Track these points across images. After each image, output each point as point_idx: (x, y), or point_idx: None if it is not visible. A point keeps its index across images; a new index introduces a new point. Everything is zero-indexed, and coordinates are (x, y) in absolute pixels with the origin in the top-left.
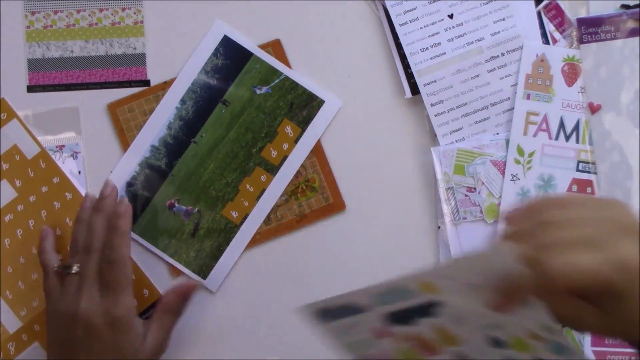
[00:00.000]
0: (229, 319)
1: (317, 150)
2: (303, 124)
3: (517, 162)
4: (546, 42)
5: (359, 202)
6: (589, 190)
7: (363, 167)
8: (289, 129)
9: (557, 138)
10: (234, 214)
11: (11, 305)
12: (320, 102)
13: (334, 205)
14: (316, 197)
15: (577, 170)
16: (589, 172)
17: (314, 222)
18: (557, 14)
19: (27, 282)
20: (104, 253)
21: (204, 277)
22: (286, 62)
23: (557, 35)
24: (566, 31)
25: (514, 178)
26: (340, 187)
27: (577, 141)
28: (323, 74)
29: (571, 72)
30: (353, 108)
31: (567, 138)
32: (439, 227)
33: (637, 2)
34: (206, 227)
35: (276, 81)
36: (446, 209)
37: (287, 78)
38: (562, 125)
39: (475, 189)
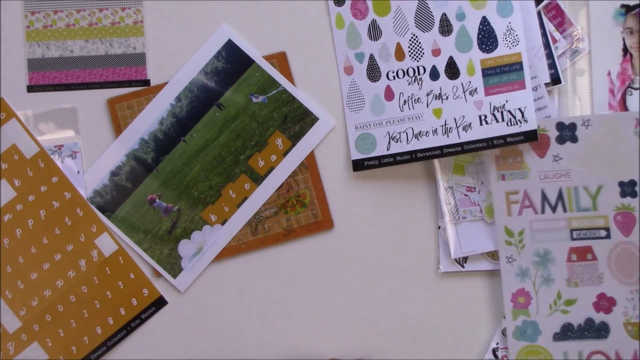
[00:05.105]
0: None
1: (311, 167)
2: (294, 138)
3: (509, 243)
4: (546, 42)
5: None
6: (589, 256)
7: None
8: (279, 141)
9: (543, 211)
10: (213, 218)
11: (11, 304)
12: (314, 119)
13: (322, 222)
14: (305, 212)
15: (572, 239)
16: (585, 239)
17: (300, 238)
18: (557, 14)
19: (27, 281)
20: None
21: (174, 276)
22: (289, 74)
23: (557, 35)
24: (566, 31)
25: (510, 260)
26: (331, 205)
27: (565, 210)
28: (323, 92)
29: (540, 143)
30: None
31: (554, 209)
32: (439, 227)
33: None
34: (183, 226)
35: (274, 92)
36: (446, 209)
37: (284, 90)
38: (544, 197)
39: (475, 188)
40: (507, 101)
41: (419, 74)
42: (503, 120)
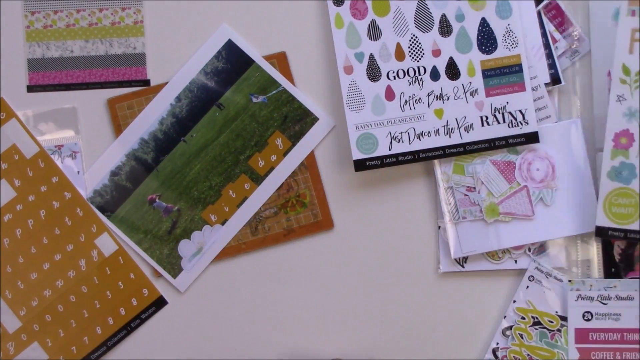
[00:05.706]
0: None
1: (311, 167)
2: (294, 138)
3: (623, 81)
4: (546, 42)
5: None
6: None
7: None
8: (279, 141)
9: None
10: (213, 218)
11: (11, 304)
12: (315, 119)
13: (322, 222)
14: (305, 213)
15: None
16: None
17: (300, 238)
18: (557, 14)
19: (27, 281)
20: None
21: (174, 276)
22: (289, 74)
23: (557, 35)
24: (566, 31)
25: (620, 98)
26: (331, 205)
27: None
28: (323, 92)
29: None
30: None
31: None
32: (439, 227)
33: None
34: (183, 226)
35: (273, 92)
36: (446, 209)
37: (284, 90)
38: None
39: (474, 188)
40: (507, 102)
41: (419, 74)
42: (504, 121)
